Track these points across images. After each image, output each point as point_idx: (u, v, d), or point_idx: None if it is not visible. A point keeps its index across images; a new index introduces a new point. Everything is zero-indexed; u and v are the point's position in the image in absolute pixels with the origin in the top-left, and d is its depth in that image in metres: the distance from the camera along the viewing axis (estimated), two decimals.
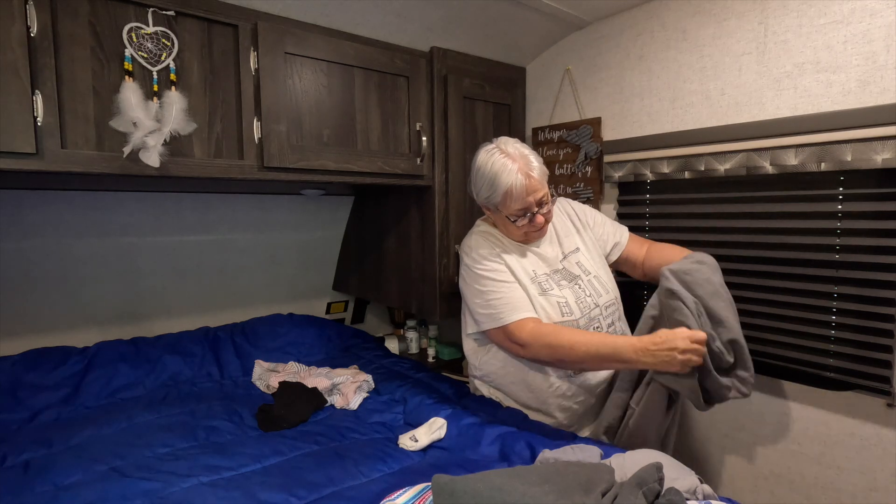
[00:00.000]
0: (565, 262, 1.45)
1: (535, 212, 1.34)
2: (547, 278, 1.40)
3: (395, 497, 0.94)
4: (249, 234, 2.10)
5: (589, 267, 1.46)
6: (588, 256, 1.49)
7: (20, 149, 1.09)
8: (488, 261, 1.38)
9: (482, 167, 1.35)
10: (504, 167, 1.31)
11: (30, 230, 1.63)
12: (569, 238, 1.50)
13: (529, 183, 1.30)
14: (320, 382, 1.71)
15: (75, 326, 1.81)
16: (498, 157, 1.33)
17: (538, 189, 1.32)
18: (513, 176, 1.30)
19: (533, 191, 1.31)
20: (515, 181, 1.29)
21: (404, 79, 1.70)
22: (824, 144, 1.31)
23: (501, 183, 1.30)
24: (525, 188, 1.30)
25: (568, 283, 1.40)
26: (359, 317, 2.62)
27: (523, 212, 1.34)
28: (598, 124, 1.83)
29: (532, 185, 1.31)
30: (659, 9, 1.65)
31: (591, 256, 1.49)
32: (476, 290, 1.38)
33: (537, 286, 1.38)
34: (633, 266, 1.53)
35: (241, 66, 1.38)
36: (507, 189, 1.30)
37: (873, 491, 1.34)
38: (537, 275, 1.40)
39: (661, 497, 0.89)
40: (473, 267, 1.39)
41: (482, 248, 1.40)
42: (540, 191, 1.33)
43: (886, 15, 1.22)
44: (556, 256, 1.46)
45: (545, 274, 1.41)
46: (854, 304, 1.34)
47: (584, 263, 1.46)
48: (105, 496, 1.07)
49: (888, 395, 1.29)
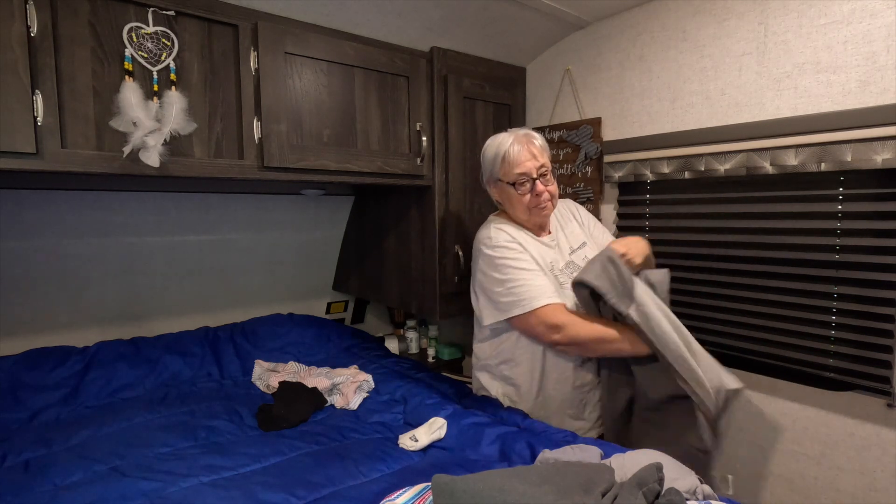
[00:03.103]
0: (574, 255, 1.48)
1: (534, 178, 1.38)
2: (561, 272, 1.43)
3: (395, 497, 0.94)
4: (249, 234, 2.09)
5: None
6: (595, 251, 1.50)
7: (20, 148, 1.09)
8: (508, 249, 1.39)
9: (487, 146, 1.46)
10: (503, 139, 1.42)
11: (30, 230, 1.63)
12: (574, 234, 1.54)
13: (529, 148, 1.39)
14: (320, 382, 1.71)
15: (75, 326, 1.81)
16: (499, 135, 1.45)
17: (538, 156, 1.39)
18: (510, 142, 1.40)
19: (532, 156, 1.38)
20: (513, 146, 1.39)
21: (404, 79, 1.70)
22: (824, 145, 1.31)
23: (502, 150, 1.40)
24: (523, 151, 1.38)
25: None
26: (359, 317, 2.62)
27: (524, 177, 1.37)
28: (598, 124, 1.83)
29: (531, 150, 1.39)
30: (659, 9, 1.65)
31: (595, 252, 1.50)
32: (497, 279, 1.39)
33: (554, 278, 1.41)
34: None
35: (241, 65, 1.38)
36: (506, 152, 1.39)
37: (873, 491, 1.34)
38: (554, 268, 1.43)
39: (661, 497, 0.89)
40: (494, 256, 1.40)
41: (501, 238, 1.41)
42: (540, 158, 1.39)
43: (886, 15, 1.22)
44: (566, 250, 1.49)
45: (560, 268, 1.44)
46: (854, 304, 1.34)
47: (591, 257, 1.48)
48: (105, 496, 1.07)
49: (888, 395, 1.29)
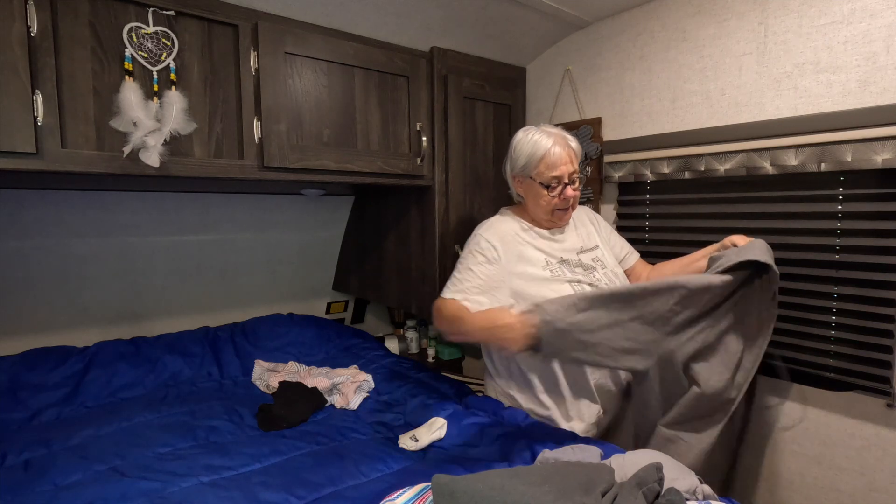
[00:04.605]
0: (582, 255, 1.48)
1: (566, 183, 1.40)
2: (560, 265, 1.42)
3: (395, 497, 0.94)
4: (249, 234, 2.09)
5: (607, 262, 1.49)
6: (607, 254, 1.53)
7: (20, 148, 1.09)
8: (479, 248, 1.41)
9: (522, 140, 1.44)
10: (542, 138, 1.41)
11: (30, 230, 1.63)
12: (590, 236, 1.54)
13: (567, 152, 1.40)
14: (320, 382, 1.71)
15: (75, 326, 1.81)
16: (536, 132, 1.43)
17: (573, 161, 1.41)
18: (551, 144, 1.39)
19: (569, 160, 1.40)
20: (554, 149, 1.39)
21: (404, 79, 1.70)
22: (824, 145, 1.31)
23: (541, 148, 1.39)
24: (562, 156, 1.38)
25: (583, 270, 1.43)
26: (359, 317, 2.62)
27: (557, 180, 1.39)
28: (598, 124, 1.83)
29: (569, 155, 1.40)
30: (659, 9, 1.65)
31: (608, 255, 1.53)
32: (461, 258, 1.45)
33: (549, 271, 1.39)
34: (639, 278, 1.58)
35: (241, 65, 1.38)
36: (545, 153, 1.38)
37: (873, 491, 1.34)
38: (550, 262, 1.41)
39: (661, 497, 0.89)
40: (468, 246, 1.46)
41: (489, 232, 1.43)
42: (573, 164, 1.41)
43: (886, 15, 1.22)
44: (574, 247, 1.48)
45: (560, 260, 1.43)
46: (854, 304, 1.34)
47: (602, 259, 1.50)
48: (105, 496, 1.07)
49: (888, 395, 1.29)
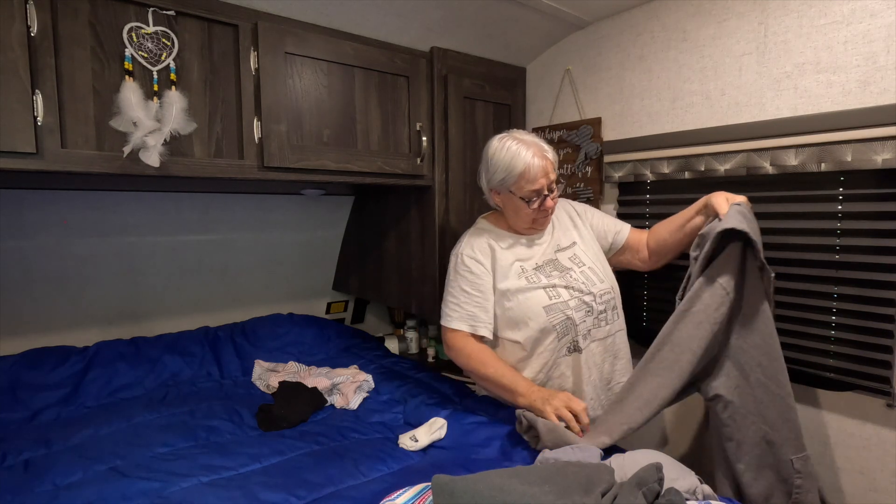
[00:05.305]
0: (559, 254, 1.48)
1: (546, 194, 1.39)
2: (535, 272, 1.42)
3: (395, 497, 0.94)
4: (249, 234, 2.09)
5: (584, 259, 1.49)
6: (584, 249, 1.51)
7: (20, 148, 1.09)
8: (464, 267, 1.44)
9: (497, 152, 1.40)
10: (520, 150, 1.37)
11: (30, 230, 1.63)
12: (566, 233, 1.53)
13: (545, 164, 1.37)
14: (320, 382, 1.71)
15: (75, 326, 1.81)
16: (512, 143, 1.39)
17: (551, 171, 1.39)
18: (530, 157, 1.36)
19: (547, 172, 1.38)
20: (532, 162, 1.35)
21: (404, 79, 1.70)
22: (824, 145, 1.31)
23: (519, 163, 1.36)
24: (541, 169, 1.36)
25: (559, 273, 1.43)
26: (359, 317, 2.62)
27: (536, 193, 1.38)
28: (598, 124, 1.83)
29: (547, 167, 1.38)
30: (659, 9, 1.65)
31: (587, 249, 1.52)
32: (449, 282, 1.48)
33: (524, 279, 1.40)
34: (637, 248, 1.55)
35: (241, 65, 1.38)
36: (524, 169, 1.35)
37: (873, 491, 1.34)
38: (525, 269, 1.42)
39: (660, 497, 0.89)
40: (453, 267, 1.48)
41: (468, 252, 1.45)
42: (552, 173, 1.40)
43: (886, 15, 1.22)
44: (550, 248, 1.48)
45: (535, 266, 1.43)
46: (854, 304, 1.34)
47: (579, 257, 1.49)
48: (105, 496, 1.07)
49: (888, 395, 1.29)
